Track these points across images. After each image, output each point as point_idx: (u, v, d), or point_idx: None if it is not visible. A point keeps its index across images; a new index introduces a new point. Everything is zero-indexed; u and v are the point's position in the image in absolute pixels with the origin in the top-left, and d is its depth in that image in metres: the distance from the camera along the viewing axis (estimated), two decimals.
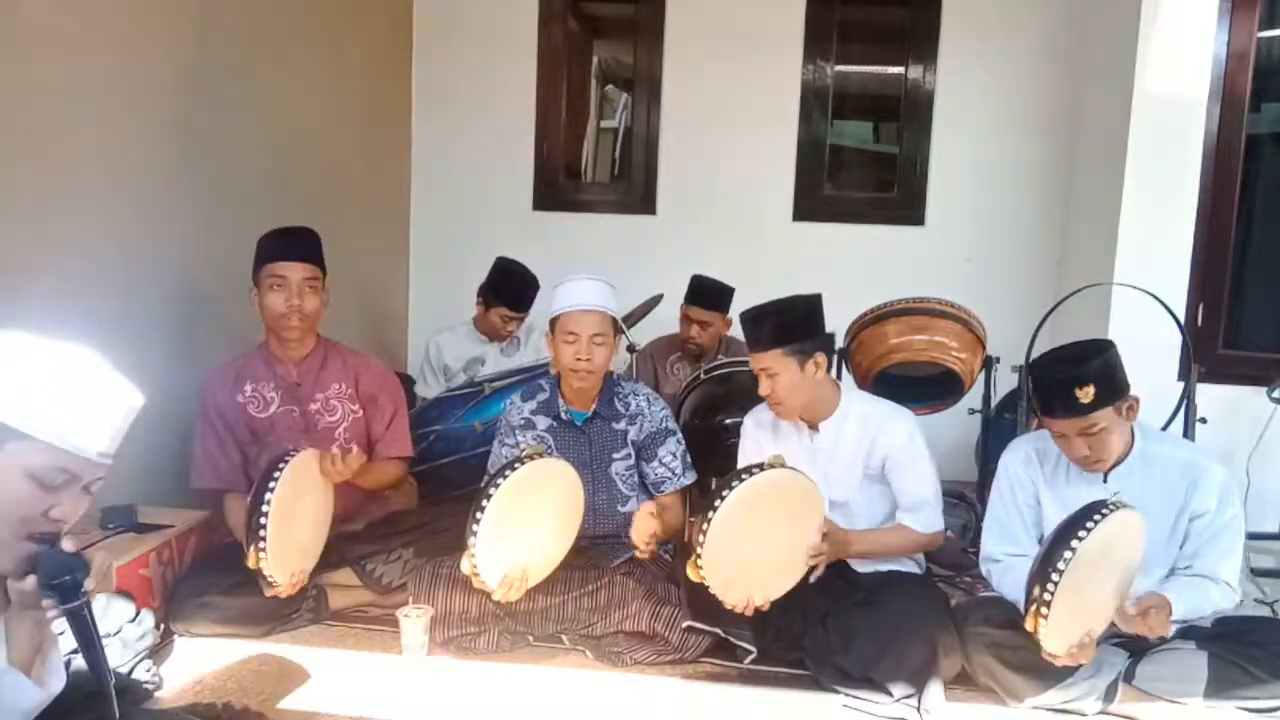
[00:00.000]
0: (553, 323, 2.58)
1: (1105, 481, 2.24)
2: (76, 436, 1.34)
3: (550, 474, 2.36)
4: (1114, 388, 2.12)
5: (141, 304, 2.77)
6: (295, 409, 2.67)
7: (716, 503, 2.18)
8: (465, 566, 2.25)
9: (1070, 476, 2.30)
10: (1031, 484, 2.36)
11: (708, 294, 3.70)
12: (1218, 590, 2.17)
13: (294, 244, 2.60)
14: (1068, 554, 1.92)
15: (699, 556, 2.18)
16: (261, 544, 2.21)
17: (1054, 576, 1.92)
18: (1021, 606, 2.02)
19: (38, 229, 2.37)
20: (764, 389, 2.45)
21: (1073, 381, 2.10)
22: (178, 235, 2.90)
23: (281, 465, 2.28)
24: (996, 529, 2.40)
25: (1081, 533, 1.93)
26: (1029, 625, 1.97)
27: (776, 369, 2.40)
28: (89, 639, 1.33)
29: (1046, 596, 1.93)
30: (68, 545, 1.33)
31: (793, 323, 2.42)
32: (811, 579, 2.35)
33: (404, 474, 2.88)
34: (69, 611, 1.31)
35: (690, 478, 2.71)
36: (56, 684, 1.44)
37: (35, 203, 2.36)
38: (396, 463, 2.79)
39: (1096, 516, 1.94)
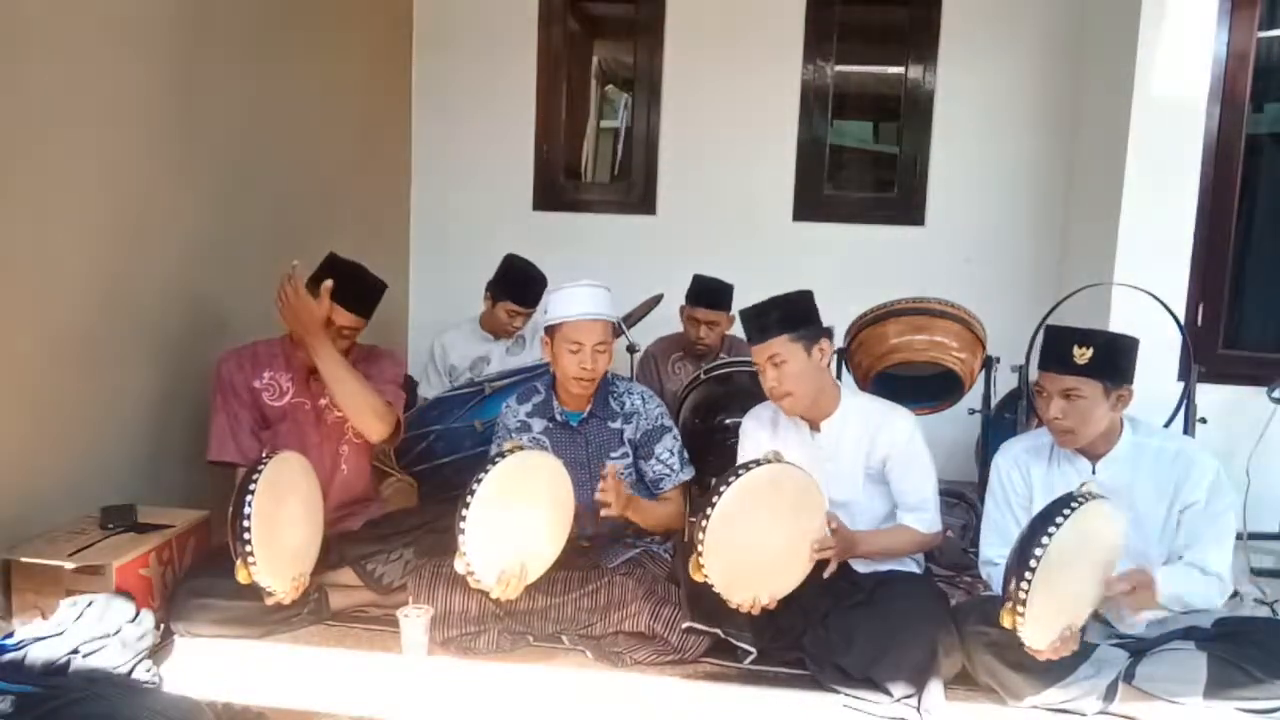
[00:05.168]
0: (551, 329, 2.58)
1: (1094, 473, 2.25)
2: None
3: (534, 466, 2.35)
4: (1113, 366, 2.19)
5: (140, 304, 2.77)
6: (307, 402, 2.68)
7: (714, 499, 2.18)
8: (459, 566, 2.24)
9: (1061, 471, 2.31)
10: (1024, 484, 2.37)
11: (711, 293, 3.68)
12: (1206, 581, 2.18)
13: None
14: (1038, 550, 1.92)
15: (700, 555, 2.17)
16: (250, 558, 2.20)
17: (1027, 574, 1.92)
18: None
19: (37, 229, 2.37)
20: (770, 381, 2.44)
21: (1075, 338, 2.20)
22: (177, 236, 2.90)
23: (256, 475, 2.26)
24: (992, 532, 2.41)
25: (1052, 528, 1.93)
26: (1006, 622, 1.98)
27: (784, 356, 2.41)
28: None
29: (1022, 594, 1.93)
30: None
31: (797, 311, 2.46)
32: (825, 575, 2.34)
33: (388, 416, 2.60)
34: None
35: (689, 473, 2.71)
36: None
37: (35, 203, 2.36)
38: (383, 404, 2.58)
39: (1066, 510, 1.96)
